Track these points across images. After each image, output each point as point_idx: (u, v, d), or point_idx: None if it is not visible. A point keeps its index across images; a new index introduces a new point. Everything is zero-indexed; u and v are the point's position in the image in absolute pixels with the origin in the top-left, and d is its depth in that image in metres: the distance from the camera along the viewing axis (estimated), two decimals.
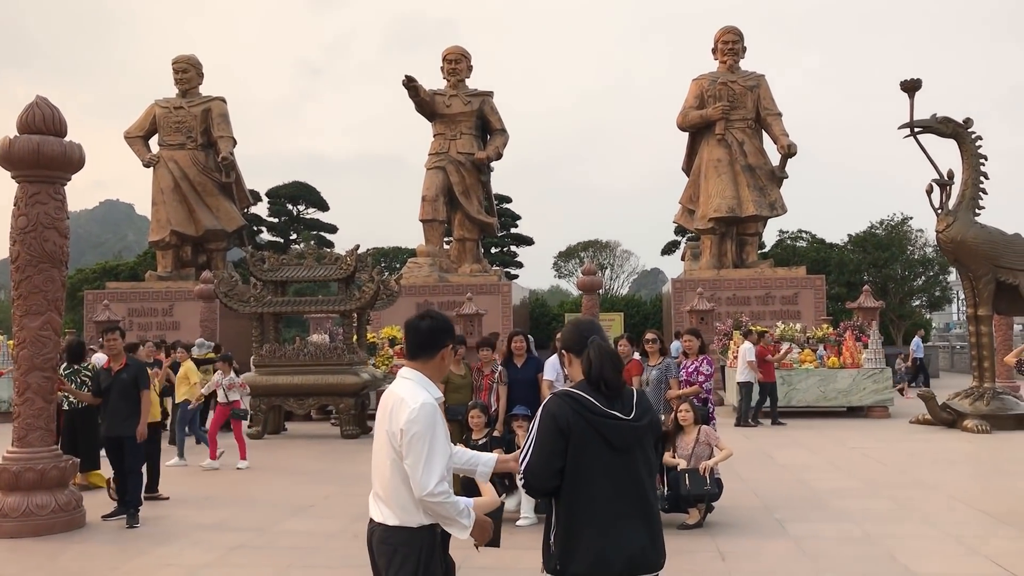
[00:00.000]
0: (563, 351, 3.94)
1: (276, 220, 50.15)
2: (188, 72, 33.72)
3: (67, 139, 9.53)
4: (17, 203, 9.37)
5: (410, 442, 3.64)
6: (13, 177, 9.42)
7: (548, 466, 3.62)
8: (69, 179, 9.65)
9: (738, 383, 18.57)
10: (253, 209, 42.45)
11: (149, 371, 10.94)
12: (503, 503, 8.17)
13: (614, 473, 3.61)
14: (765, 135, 31.75)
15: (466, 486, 6.92)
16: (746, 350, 18.49)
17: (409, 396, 3.74)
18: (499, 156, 33.75)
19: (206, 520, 9.67)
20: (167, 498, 10.74)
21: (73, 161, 9.53)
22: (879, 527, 8.88)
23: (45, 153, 9.24)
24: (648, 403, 3.82)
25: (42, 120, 9.37)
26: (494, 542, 7.32)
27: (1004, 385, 19.58)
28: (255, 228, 47.09)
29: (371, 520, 3.89)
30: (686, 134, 32.57)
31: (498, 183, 36.50)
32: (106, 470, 10.95)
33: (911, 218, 39.53)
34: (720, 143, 30.97)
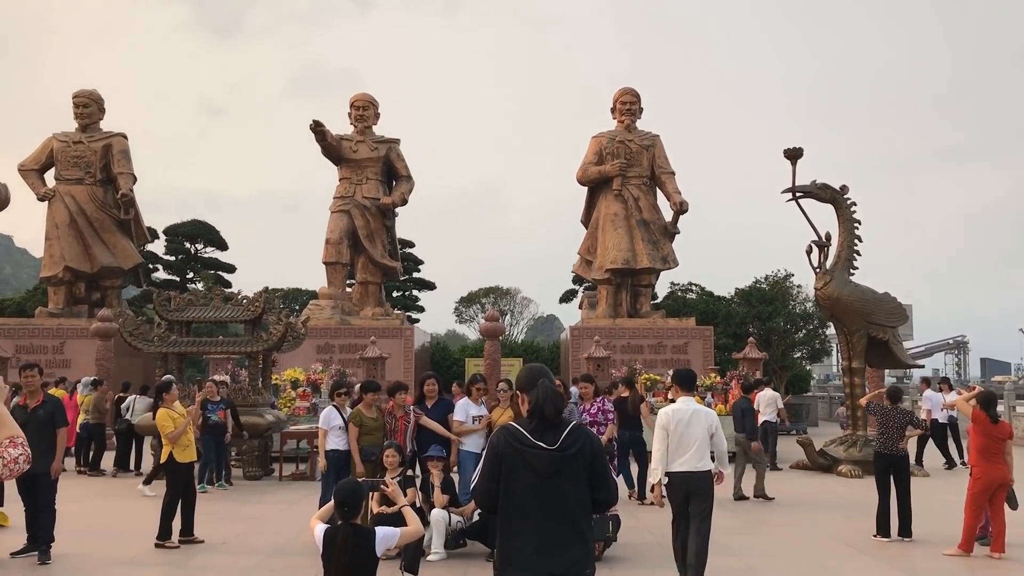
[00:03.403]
0: (517, 391, 4.57)
1: (173, 258, 49.26)
2: (89, 107, 33.20)
3: None
4: None
5: (719, 429, 8.15)
6: None
7: (487, 486, 4.34)
8: None
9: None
10: (149, 246, 41.76)
11: (185, 409, 11.21)
12: (426, 532, 8.68)
13: (541, 495, 4.21)
14: (659, 192, 33.37)
15: (394, 519, 7.41)
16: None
17: (708, 409, 8.46)
18: (404, 202, 34.35)
19: (118, 557, 9.81)
20: (202, 541, 10.59)
21: None
22: (760, 560, 9.74)
23: None
24: (581, 436, 4.31)
25: None
26: (412, 569, 7.89)
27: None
28: (151, 266, 46.18)
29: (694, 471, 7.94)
30: (585, 188, 33.95)
31: (402, 227, 37.08)
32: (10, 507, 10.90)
33: (793, 275, 41.84)
34: (617, 198, 32.38)
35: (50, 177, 33.10)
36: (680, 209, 32.17)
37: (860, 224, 19.47)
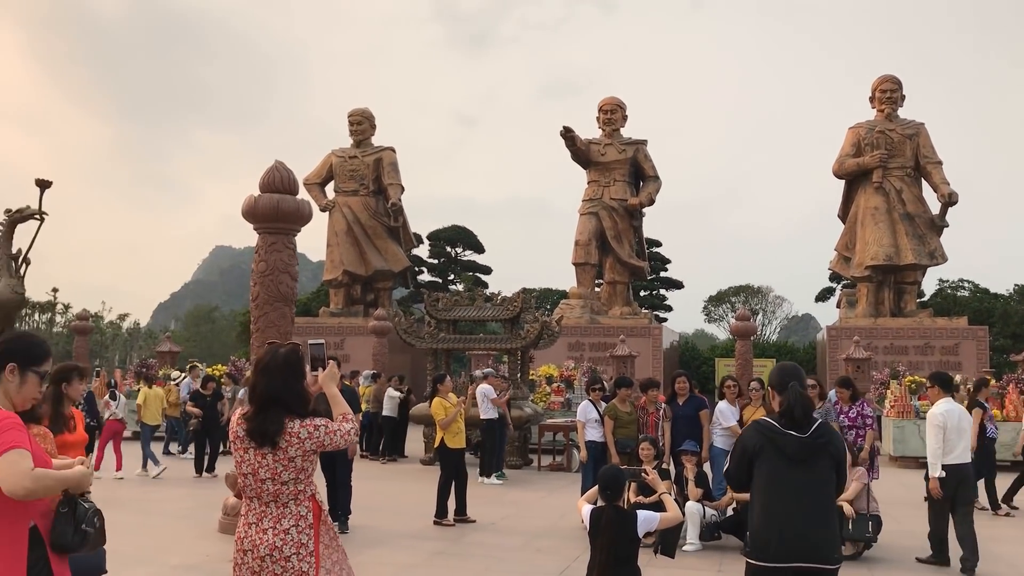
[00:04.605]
0: (769, 387, 5.07)
1: (436, 261, 52.79)
2: (362, 124, 36.45)
3: (298, 197, 11.20)
4: (258, 251, 11.08)
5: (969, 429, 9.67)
6: (255, 228, 11.13)
7: (737, 473, 4.85)
8: (299, 230, 11.31)
9: None
10: (415, 251, 44.95)
11: (457, 398, 12.53)
12: (684, 521, 9.11)
13: (791, 479, 4.59)
14: (925, 183, 31.47)
15: (651, 508, 7.89)
16: None
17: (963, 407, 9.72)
18: (651, 202, 34.73)
19: (403, 530, 10.99)
20: (474, 521, 11.57)
21: (303, 216, 11.18)
22: None
23: (282, 209, 10.90)
24: (829, 431, 4.72)
25: (280, 181, 11.06)
26: (669, 553, 8.34)
27: None
28: (417, 268, 49.68)
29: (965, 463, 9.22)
30: (842, 181, 32.65)
31: (649, 227, 37.45)
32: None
33: None
34: (878, 191, 30.91)
35: (330, 189, 36.68)
36: (949, 201, 30.18)
37: None
